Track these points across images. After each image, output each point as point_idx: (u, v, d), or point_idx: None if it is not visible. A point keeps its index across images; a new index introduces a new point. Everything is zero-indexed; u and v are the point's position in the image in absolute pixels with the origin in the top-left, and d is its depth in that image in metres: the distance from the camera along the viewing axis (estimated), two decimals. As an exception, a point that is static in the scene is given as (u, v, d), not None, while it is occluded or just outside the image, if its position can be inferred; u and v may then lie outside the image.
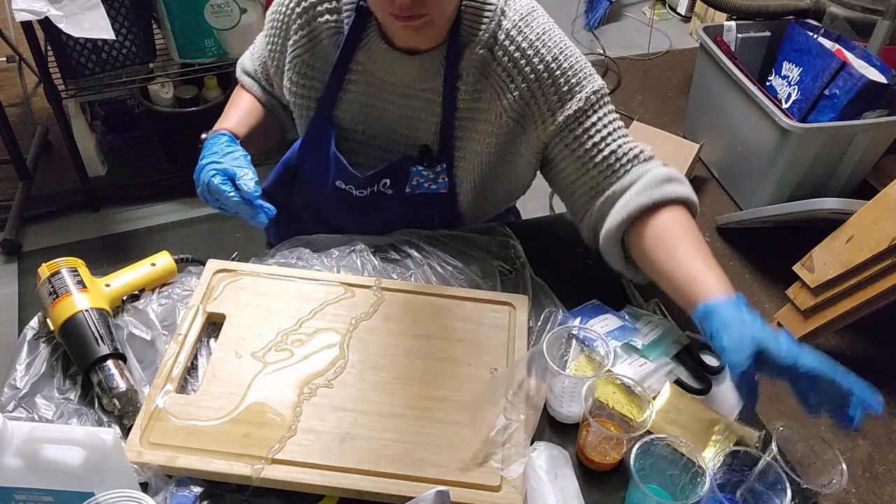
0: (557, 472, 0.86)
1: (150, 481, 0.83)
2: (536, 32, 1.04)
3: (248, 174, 1.00)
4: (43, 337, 1.01)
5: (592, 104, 1.04)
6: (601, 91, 1.05)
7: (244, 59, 1.26)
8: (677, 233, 0.98)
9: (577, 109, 1.03)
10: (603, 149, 1.04)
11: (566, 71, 1.04)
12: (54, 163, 2.53)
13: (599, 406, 0.89)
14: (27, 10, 1.80)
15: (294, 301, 1.03)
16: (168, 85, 2.33)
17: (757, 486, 0.83)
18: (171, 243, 2.21)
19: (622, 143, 1.06)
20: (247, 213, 1.00)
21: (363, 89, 1.09)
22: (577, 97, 1.04)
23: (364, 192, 1.14)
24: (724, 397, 0.99)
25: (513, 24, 1.03)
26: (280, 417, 0.89)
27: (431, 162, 1.09)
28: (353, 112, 1.11)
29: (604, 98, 1.06)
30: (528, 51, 1.03)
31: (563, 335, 0.98)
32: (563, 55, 1.04)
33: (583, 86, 1.04)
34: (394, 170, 1.11)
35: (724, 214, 2.44)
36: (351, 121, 1.12)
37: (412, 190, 1.12)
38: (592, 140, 1.04)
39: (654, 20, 3.48)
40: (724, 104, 2.47)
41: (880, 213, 1.78)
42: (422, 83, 1.06)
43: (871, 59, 2.24)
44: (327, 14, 1.07)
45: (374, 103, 1.10)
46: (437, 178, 1.10)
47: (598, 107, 1.05)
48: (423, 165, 1.09)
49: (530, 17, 1.05)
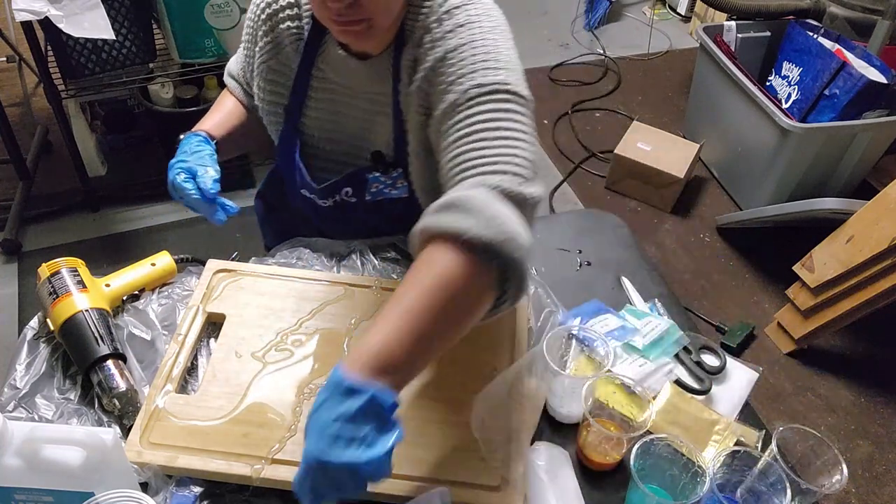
0: (557, 472, 0.86)
1: (150, 481, 0.83)
2: (453, 23, 0.95)
3: (208, 172, 1.02)
4: (43, 337, 1.01)
5: (469, 99, 0.90)
6: (490, 86, 0.90)
7: (231, 62, 1.25)
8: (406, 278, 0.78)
9: (451, 103, 0.91)
10: (457, 147, 0.89)
11: (461, 61, 0.92)
12: (54, 163, 2.53)
13: (599, 406, 0.89)
14: (27, 10, 1.80)
15: (294, 301, 1.03)
16: (168, 85, 2.33)
17: (757, 486, 0.83)
18: (171, 243, 2.21)
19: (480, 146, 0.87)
20: (205, 210, 1.02)
21: (325, 96, 1.09)
22: (455, 90, 0.91)
23: (327, 202, 1.14)
24: (724, 397, 0.99)
25: (436, 17, 0.96)
26: (280, 417, 0.89)
27: (386, 168, 1.07)
28: (318, 119, 1.11)
29: (489, 95, 0.90)
30: (438, 41, 0.95)
31: (563, 335, 0.98)
32: (466, 46, 0.93)
33: (469, 78, 0.91)
34: (351, 178, 1.10)
35: (724, 214, 2.44)
36: (316, 128, 1.11)
37: (373, 197, 1.11)
38: (452, 137, 0.91)
39: (654, 20, 3.48)
40: (724, 104, 2.47)
41: (880, 213, 1.78)
42: (375, 88, 1.04)
43: (871, 59, 2.24)
44: (289, 21, 1.06)
45: (335, 109, 1.09)
46: (396, 183, 1.09)
47: (474, 103, 0.90)
48: (378, 172, 1.08)
49: (459, 9, 0.96)
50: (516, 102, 0.91)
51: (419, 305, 0.75)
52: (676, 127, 2.82)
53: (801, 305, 1.96)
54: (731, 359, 1.03)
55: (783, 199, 2.30)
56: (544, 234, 1.23)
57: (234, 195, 2.34)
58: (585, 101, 2.98)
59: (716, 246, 2.39)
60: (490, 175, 0.84)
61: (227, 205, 1.03)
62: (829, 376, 2.02)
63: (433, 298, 0.75)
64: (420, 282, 0.76)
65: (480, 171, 0.85)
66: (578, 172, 2.66)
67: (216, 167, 1.04)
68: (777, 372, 2.02)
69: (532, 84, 0.95)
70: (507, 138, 0.88)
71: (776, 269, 2.25)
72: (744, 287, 2.26)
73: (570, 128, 2.85)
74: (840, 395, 1.98)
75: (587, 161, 2.70)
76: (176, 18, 2.12)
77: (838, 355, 2.08)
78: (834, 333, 2.10)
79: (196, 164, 1.03)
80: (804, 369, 2.03)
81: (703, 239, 2.42)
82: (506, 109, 0.90)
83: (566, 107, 2.93)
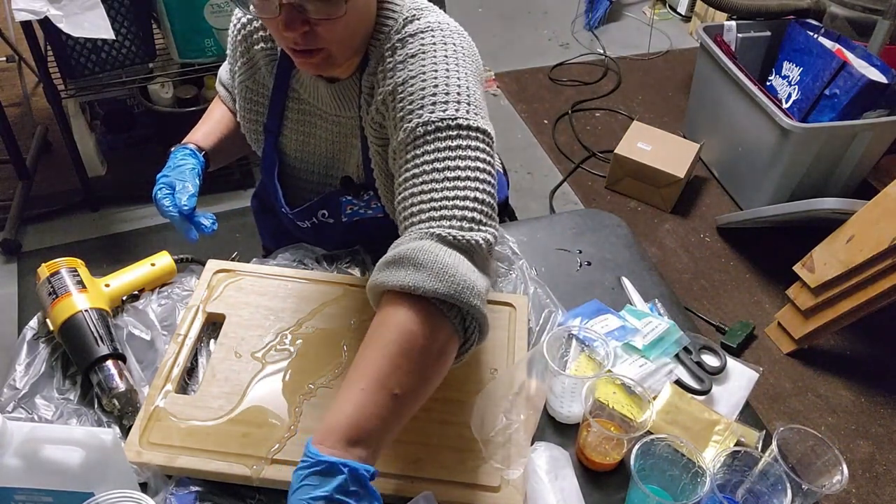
0: (558, 472, 0.86)
1: (149, 481, 0.83)
2: (404, 53, 0.92)
3: (187, 187, 1.01)
4: (42, 337, 1.01)
5: (416, 138, 0.87)
6: (438, 123, 0.87)
7: (222, 69, 1.23)
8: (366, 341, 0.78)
9: (399, 141, 0.89)
10: (404, 189, 0.87)
11: (409, 96, 0.89)
12: (54, 163, 2.53)
13: (599, 406, 0.89)
14: (27, 10, 1.80)
15: (294, 301, 1.03)
16: (168, 85, 2.33)
17: (757, 487, 0.83)
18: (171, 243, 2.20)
19: (420, 195, 0.85)
20: (179, 225, 1.00)
21: (299, 117, 1.08)
22: (403, 127, 0.89)
23: (305, 224, 1.14)
24: (724, 397, 0.99)
25: (391, 44, 0.94)
26: (279, 418, 0.89)
27: (357, 192, 1.07)
28: (294, 140, 1.10)
29: (436, 133, 0.87)
30: (389, 72, 0.93)
31: (563, 335, 0.98)
32: (416, 80, 0.90)
33: (416, 115, 0.88)
34: (325, 201, 1.10)
35: (724, 214, 2.44)
36: (292, 149, 1.11)
37: (349, 218, 1.11)
38: (400, 178, 0.89)
39: (654, 20, 3.48)
40: (725, 104, 2.47)
41: (880, 213, 1.78)
42: (343, 111, 1.03)
43: (872, 58, 2.24)
44: (262, 42, 1.05)
45: (310, 131, 1.09)
46: (370, 203, 1.09)
47: (420, 143, 0.87)
48: (350, 196, 1.08)
49: (413, 37, 0.93)
50: (467, 137, 0.87)
51: (386, 368, 0.74)
52: (676, 127, 2.82)
53: (801, 305, 1.96)
54: (732, 359, 1.03)
55: (783, 199, 2.30)
56: (544, 234, 1.23)
57: (234, 195, 2.37)
58: (585, 101, 2.98)
59: (716, 246, 2.39)
60: (436, 222, 0.82)
61: (201, 224, 1.00)
62: (829, 376, 2.02)
63: (398, 358, 0.74)
64: (383, 344, 0.75)
65: (427, 216, 0.83)
66: (578, 172, 2.66)
67: (195, 182, 1.03)
68: (777, 372, 2.02)
69: (532, 84, 0.95)
70: (454, 179, 0.85)
71: (776, 269, 2.25)
72: (744, 287, 2.26)
73: (570, 128, 2.85)
74: (840, 395, 1.98)
75: (587, 161, 2.70)
76: (176, 18, 2.12)
77: (838, 355, 2.08)
78: (834, 333, 2.10)
79: (176, 178, 1.03)
80: (804, 369, 2.03)
81: (703, 239, 2.42)
82: (454, 147, 0.86)
83: (566, 107, 2.93)
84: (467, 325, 0.81)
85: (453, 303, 0.77)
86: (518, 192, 2.57)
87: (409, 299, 0.77)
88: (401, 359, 0.75)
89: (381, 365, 0.74)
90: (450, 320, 0.78)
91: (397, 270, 0.78)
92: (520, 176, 2.64)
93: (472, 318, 0.80)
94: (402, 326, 0.76)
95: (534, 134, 2.83)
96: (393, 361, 0.74)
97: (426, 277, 0.76)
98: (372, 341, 0.77)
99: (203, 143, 1.12)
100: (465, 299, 0.77)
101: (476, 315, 0.80)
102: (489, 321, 0.82)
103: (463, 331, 0.81)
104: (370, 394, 0.73)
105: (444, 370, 0.80)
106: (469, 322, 0.80)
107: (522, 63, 3.15)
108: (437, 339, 0.77)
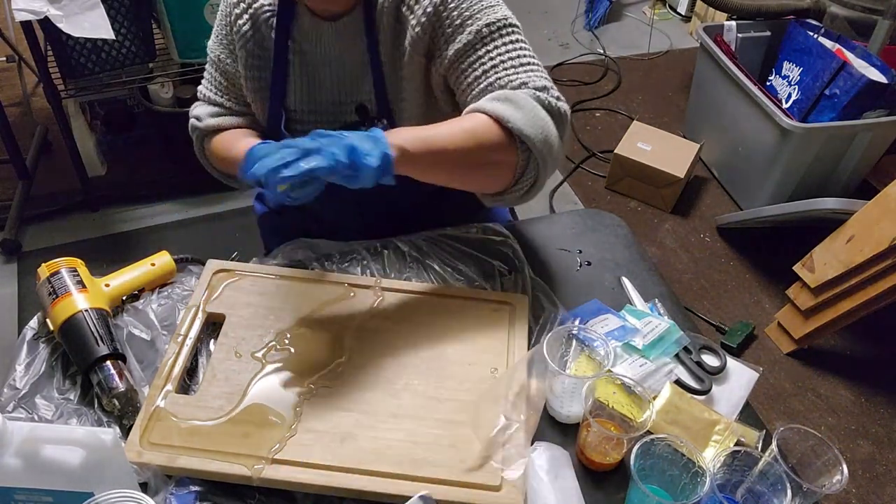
0: (558, 472, 0.86)
1: (150, 481, 0.83)
2: None
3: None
4: (43, 337, 1.01)
5: (483, 37, 1.01)
6: (497, 23, 1.02)
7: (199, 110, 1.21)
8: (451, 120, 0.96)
9: (466, 43, 1.01)
10: (485, 79, 1.01)
11: (461, 4, 1.01)
12: (54, 163, 2.53)
13: (599, 406, 0.89)
14: (27, 9, 1.80)
15: (294, 301, 1.03)
16: (168, 85, 2.33)
17: (757, 487, 0.83)
18: (171, 243, 2.20)
19: (505, 75, 1.00)
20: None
21: (303, 69, 1.11)
22: (467, 31, 1.01)
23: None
24: (724, 397, 0.99)
25: None
26: (280, 417, 0.89)
27: (371, 121, 1.10)
28: (299, 93, 1.12)
29: (499, 31, 1.02)
30: None
31: (563, 335, 0.98)
32: None
33: (476, 19, 1.01)
34: None
35: (724, 214, 2.44)
36: (299, 101, 1.13)
37: None
38: (476, 73, 1.01)
39: (654, 20, 3.48)
40: (725, 104, 2.47)
41: (880, 213, 1.78)
42: (349, 47, 1.07)
43: (872, 58, 2.24)
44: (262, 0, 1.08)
45: (314, 79, 1.11)
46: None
47: (489, 40, 1.01)
48: (364, 127, 1.08)
49: None
50: (519, 33, 1.03)
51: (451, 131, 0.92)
52: (676, 127, 2.82)
53: (801, 305, 1.96)
54: (732, 359, 1.03)
55: (783, 199, 2.30)
56: (544, 234, 1.23)
57: (234, 195, 2.37)
58: (585, 100, 2.98)
59: (716, 246, 2.39)
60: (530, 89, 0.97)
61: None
62: (829, 376, 2.02)
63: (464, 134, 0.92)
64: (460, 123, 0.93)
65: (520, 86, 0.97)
66: (578, 172, 2.66)
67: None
68: (777, 372, 2.02)
69: (531, 84, 0.97)
70: (527, 65, 1.01)
71: (776, 269, 2.25)
72: (744, 287, 2.26)
73: (570, 128, 2.84)
74: (840, 395, 1.98)
75: (587, 161, 2.70)
76: (176, 18, 2.12)
77: (838, 355, 2.08)
78: (834, 333, 2.10)
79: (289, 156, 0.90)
80: (804, 369, 2.03)
81: (703, 239, 2.42)
82: (515, 41, 1.02)
83: (566, 107, 2.93)
84: (527, 172, 0.96)
85: (531, 146, 0.93)
86: (518, 192, 2.56)
87: (497, 123, 0.93)
88: (466, 135, 0.92)
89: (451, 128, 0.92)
90: (518, 154, 0.95)
91: (499, 103, 0.94)
92: (520, 176, 2.64)
93: (534, 169, 0.96)
94: (484, 129, 0.93)
95: (534, 134, 2.82)
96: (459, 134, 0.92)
97: (522, 117, 0.93)
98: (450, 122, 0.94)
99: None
100: (541, 148, 0.94)
101: (539, 168, 0.96)
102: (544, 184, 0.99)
103: (521, 173, 0.96)
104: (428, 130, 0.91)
105: (484, 179, 0.97)
106: (529, 171, 0.96)
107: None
108: (498, 151, 0.94)
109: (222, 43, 1.15)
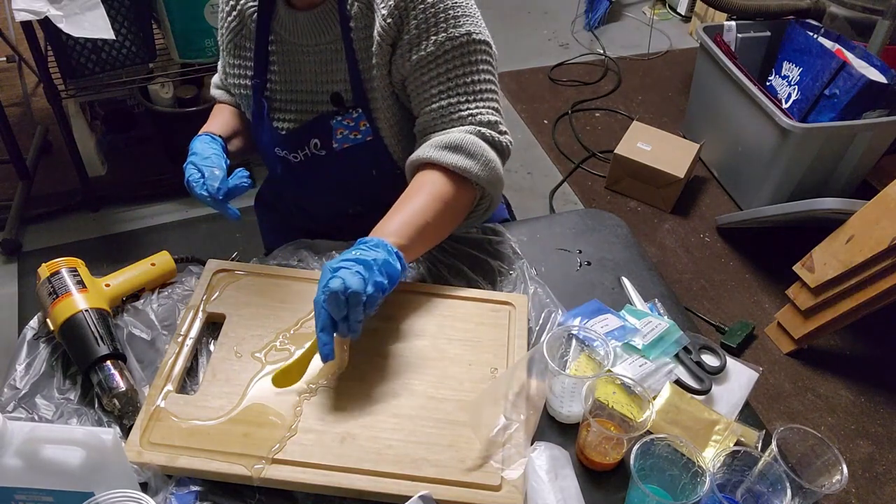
0: (558, 472, 0.86)
1: (150, 481, 0.83)
2: None
3: (214, 172, 1.05)
4: (43, 337, 1.01)
5: (446, 51, 1.02)
6: (462, 38, 1.02)
7: (215, 78, 1.30)
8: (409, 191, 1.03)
9: (429, 53, 1.02)
10: (437, 100, 1.05)
11: (429, 8, 1.01)
12: (54, 163, 2.53)
13: (599, 406, 0.89)
14: (27, 10, 1.80)
15: (294, 301, 1.03)
16: (168, 85, 2.33)
17: (757, 487, 0.83)
18: (171, 243, 2.21)
19: (458, 102, 1.04)
20: (217, 208, 1.05)
21: (283, 59, 1.13)
22: (432, 40, 1.02)
23: (298, 157, 1.17)
24: (724, 397, 0.99)
25: None
26: (280, 417, 0.89)
27: (346, 109, 1.11)
28: (279, 83, 1.15)
29: (463, 47, 1.03)
30: None
31: (563, 335, 0.98)
32: None
33: (441, 28, 1.01)
34: (315, 126, 1.13)
35: (724, 214, 2.44)
36: (279, 91, 1.16)
37: (339, 144, 1.14)
38: (431, 91, 1.05)
39: (654, 20, 3.48)
40: (724, 104, 2.47)
41: (880, 213, 1.78)
42: (324, 36, 1.09)
43: (871, 59, 2.24)
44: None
45: (293, 68, 1.13)
46: (358, 125, 1.12)
47: (450, 56, 1.03)
48: (339, 115, 1.11)
49: None
50: (483, 52, 1.05)
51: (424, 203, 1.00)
52: (676, 127, 2.82)
53: (801, 305, 1.97)
54: (731, 359, 1.03)
55: (783, 199, 2.30)
56: (544, 234, 1.23)
57: (234, 195, 2.36)
58: (585, 101, 2.98)
59: (716, 246, 2.39)
60: (474, 126, 1.04)
61: (229, 210, 1.06)
62: (829, 376, 2.02)
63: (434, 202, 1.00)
64: (426, 192, 1.01)
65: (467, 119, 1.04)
66: (578, 172, 2.66)
67: (222, 164, 1.07)
68: (777, 372, 2.02)
69: (532, 84, 0.97)
70: (480, 93, 1.06)
71: (776, 269, 2.26)
72: (744, 287, 2.26)
73: (570, 128, 2.85)
74: (840, 395, 1.98)
75: (587, 161, 2.70)
76: (176, 18, 2.12)
77: (838, 355, 2.09)
78: (834, 333, 2.10)
79: (202, 164, 1.06)
80: (804, 369, 2.03)
81: (703, 239, 2.42)
82: (476, 61, 1.05)
83: (566, 107, 2.93)
84: (482, 203, 1.09)
85: (484, 185, 1.05)
86: (518, 192, 2.57)
87: (450, 174, 1.03)
88: (437, 203, 1.01)
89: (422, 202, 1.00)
90: (475, 195, 1.07)
91: (451, 154, 1.02)
92: (520, 176, 2.64)
93: (487, 201, 1.10)
94: (444, 186, 1.02)
95: (534, 134, 2.83)
96: (431, 204, 1.00)
97: (474, 165, 1.02)
98: (414, 190, 1.02)
99: (219, 132, 1.16)
100: (493, 184, 1.06)
101: (493, 201, 1.10)
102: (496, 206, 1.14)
103: (476, 205, 1.09)
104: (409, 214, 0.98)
105: (452, 225, 1.07)
106: (483, 202, 1.09)
107: (522, 63, 3.15)
108: (460, 200, 1.05)
109: (221, 32, 1.20)
